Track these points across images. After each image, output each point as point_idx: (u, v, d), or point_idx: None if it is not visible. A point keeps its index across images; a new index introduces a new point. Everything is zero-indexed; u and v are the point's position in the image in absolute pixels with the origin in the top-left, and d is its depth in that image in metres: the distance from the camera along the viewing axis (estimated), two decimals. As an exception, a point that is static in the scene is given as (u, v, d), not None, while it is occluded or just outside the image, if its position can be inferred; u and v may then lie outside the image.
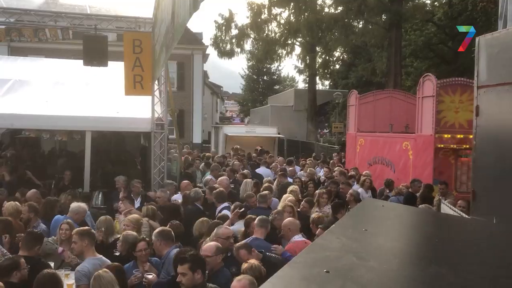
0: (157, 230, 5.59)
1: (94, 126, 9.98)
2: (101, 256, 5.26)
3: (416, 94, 12.16)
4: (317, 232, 5.80)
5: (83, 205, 6.95)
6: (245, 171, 11.45)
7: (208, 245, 4.87)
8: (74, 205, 6.86)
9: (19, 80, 11.74)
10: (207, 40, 44.87)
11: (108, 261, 5.16)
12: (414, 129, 12.09)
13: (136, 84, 9.66)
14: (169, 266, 5.11)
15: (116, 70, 10.93)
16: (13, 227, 6.03)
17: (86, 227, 5.39)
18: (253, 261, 4.51)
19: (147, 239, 5.59)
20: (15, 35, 9.29)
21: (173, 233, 5.56)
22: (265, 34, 28.21)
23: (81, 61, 10.07)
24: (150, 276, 4.96)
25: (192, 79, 32.91)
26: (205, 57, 35.28)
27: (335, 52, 31.47)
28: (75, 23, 10.00)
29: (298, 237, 5.81)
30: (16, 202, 6.69)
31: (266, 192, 8.06)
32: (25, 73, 12.58)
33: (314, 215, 6.74)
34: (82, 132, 10.26)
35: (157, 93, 10.42)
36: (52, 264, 5.39)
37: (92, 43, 9.54)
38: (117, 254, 5.59)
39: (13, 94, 10.84)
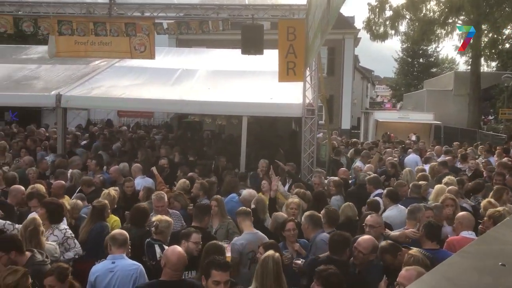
0: (307, 213, 5.71)
1: (250, 111, 10.56)
2: (258, 231, 5.61)
3: None
4: None
5: (253, 192, 7.32)
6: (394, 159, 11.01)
7: (365, 242, 4.70)
8: (246, 191, 7.32)
9: (186, 70, 13.03)
10: (358, 23, 43.75)
11: (264, 236, 5.48)
12: None
13: (289, 70, 9.90)
14: (316, 249, 5.25)
15: (269, 57, 11.39)
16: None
17: (243, 207, 5.80)
18: (415, 251, 4.35)
19: (296, 220, 5.76)
20: (184, 28, 10.24)
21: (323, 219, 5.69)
22: (422, 14, 26.42)
23: (238, 50, 10.69)
24: (299, 262, 5.10)
25: (342, 64, 32.51)
26: (356, 41, 34.51)
27: (504, 29, 27.98)
28: (234, 14, 10.61)
29: (468, 233, 5.32)
30: (186, 180, 7.55)
31: (421, 182, 7.64)
32: (191, 63, 13.91)
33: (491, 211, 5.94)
34: (239, 117, 10.97)
35: (308, 79, 10.56)
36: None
37: (249, 32, 10.04)
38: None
39: (181, 82, 12.06)
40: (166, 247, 5.26)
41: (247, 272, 5.16)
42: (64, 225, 5.75)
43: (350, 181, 9.09)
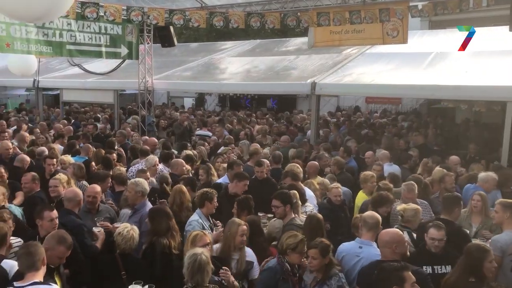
0: None
1: (517, 97, 9.26)
2: None
3: None
4: None
5: (491, 173, 7.02)
6: None
7: None
8: (483, 174, 7.05)
9: (439, 53, 12.24)
10: None
11: None
12: None
13: None
14: None
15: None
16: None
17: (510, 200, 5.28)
18: None
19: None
20: (440, 9, 9.66)
21: None
22: None
23: (503, 28, 9.47)
24: None
25: None
26: None
27: None
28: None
29: None
30: (443, 170, 7.33)
31: None
32: (446, 45, 12.97)
33: None
34: (502, 103, 9.71)
35: None
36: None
37: (519, 5, 8.81)
38: None
39: (434, 66, 11.40)
40: (414, 235, 5.20)
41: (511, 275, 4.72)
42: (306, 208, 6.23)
43: None
